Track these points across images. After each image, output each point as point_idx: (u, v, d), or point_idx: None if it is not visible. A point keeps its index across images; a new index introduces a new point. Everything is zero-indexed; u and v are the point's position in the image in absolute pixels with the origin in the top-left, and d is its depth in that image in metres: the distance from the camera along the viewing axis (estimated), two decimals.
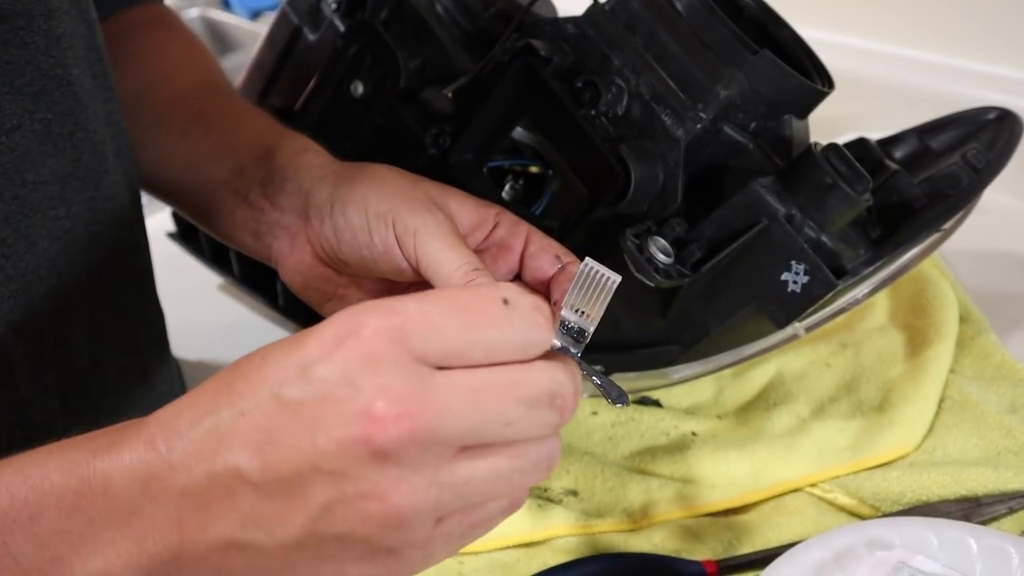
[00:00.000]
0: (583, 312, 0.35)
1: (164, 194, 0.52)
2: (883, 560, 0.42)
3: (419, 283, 0.40)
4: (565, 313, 0.36)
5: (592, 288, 0.34)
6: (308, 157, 0.45)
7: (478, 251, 0.42)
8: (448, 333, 0.27)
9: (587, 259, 0.35)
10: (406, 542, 0.27)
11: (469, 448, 0.27)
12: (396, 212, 0.39)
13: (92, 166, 0.44)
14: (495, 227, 0.41)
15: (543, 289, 0.41)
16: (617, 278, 0.34)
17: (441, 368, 0.27)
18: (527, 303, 0.29)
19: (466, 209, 0.41)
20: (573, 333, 0.37)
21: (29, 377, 0.42)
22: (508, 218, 0.41)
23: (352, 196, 0.41)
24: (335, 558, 0.28)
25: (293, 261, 0.43)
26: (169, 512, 0.28)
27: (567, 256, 0.40)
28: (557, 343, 0.37)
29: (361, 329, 0.27)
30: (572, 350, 0.37)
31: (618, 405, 0.36)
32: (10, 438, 0.43)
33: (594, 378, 0.36)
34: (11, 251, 0.40)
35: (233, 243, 0.48)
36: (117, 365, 0.49)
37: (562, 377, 0.29)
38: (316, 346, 0.27)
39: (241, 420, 0.27)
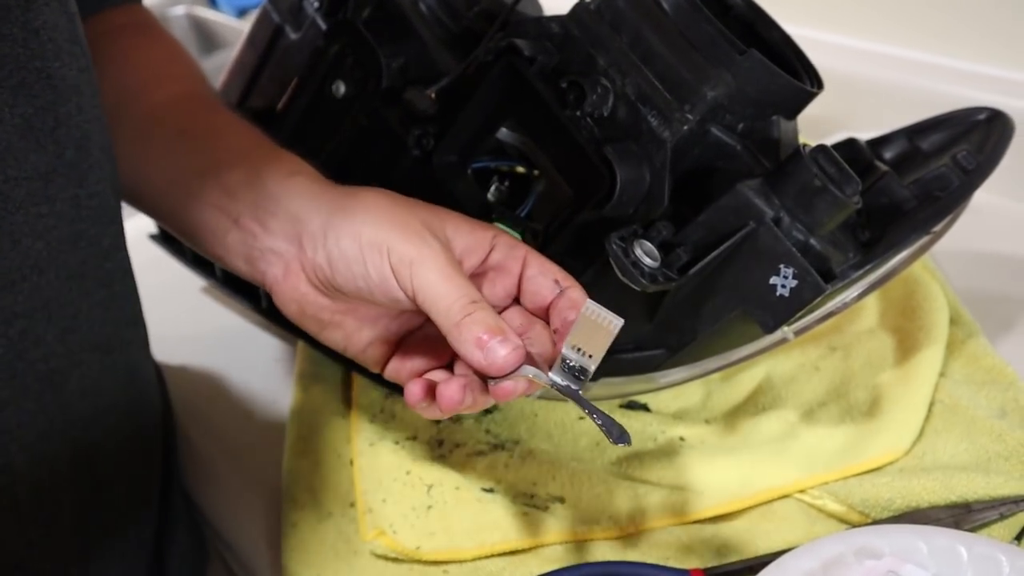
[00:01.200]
0: (584, 351, 0.35)
1: (148, 209, 0.51)
2: (872, 569, 0.41)
3: (416, 312, 0.39)
4: (566, 351, 0.36)
5: (593, 330, 0.34)
6: (299, 181, 0.44)
7: (475, 274, 0.41)
8: None
9: (588, 302, 0.35)
10: None
11: None
12: (391, 242, 0.38)
13: (76, 162, 0.43)
14: (491, 250, 0.41)
15: (542, 315, 0.40)
16: (619, 322, 0.34)
17: None
18: None
19: (462, 233, 0.40)
20: (575, 371, 0.36)
21: (7, 378, 0.41)
22: (505, 240, 0.41)
23: (345, 225, 0.40)
24: None
25: (287, 288, 0.43)
26: None
27: (566, 280, 0.39)
28: (559, 380, 0.37)
29: None
30: (573, 387, 0.37)
31: (619, 445, 0.35)
32: None
33: (595, 416, 0.36)
34: None
35: (225, 265, 0.46)
36: (99, 367, 0.48)
37: None
38: None
39: None
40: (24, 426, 0.43)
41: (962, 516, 0.47)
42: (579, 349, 0.35)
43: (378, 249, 0.39)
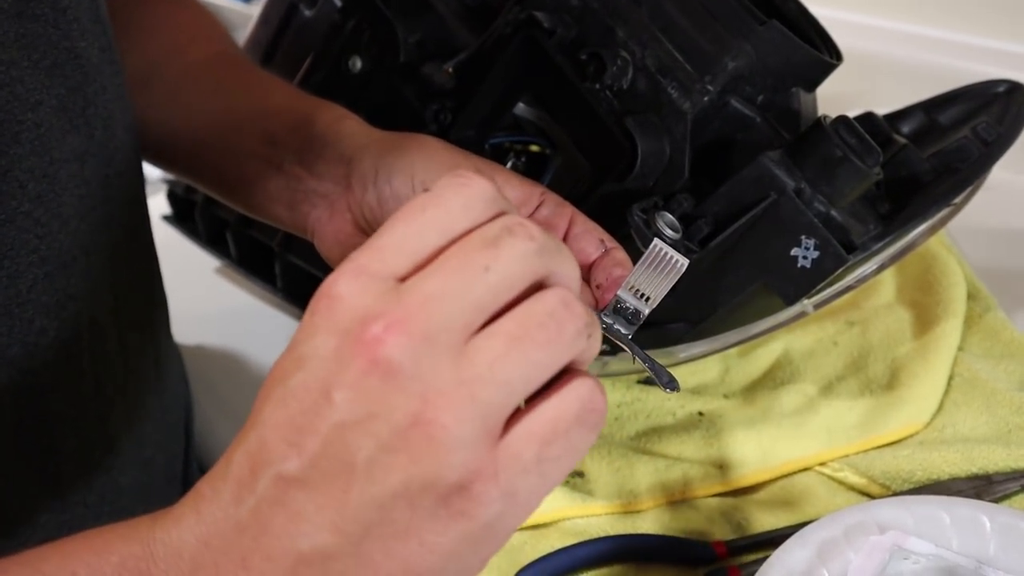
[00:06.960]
0: (643, 294, 0.34)
1: (183, 168, 0.51)
2: (877, 544, 0.41)
3: None
4: (622, 294, 0.36)
5: (658, 269, 0.34)
6: (348, 124, 0.44)
7: None
8: (392, 239, 0.26)
9: (656, 240, 0.34)
10: (469, 471, 0.25)
11: (476, 331, 0.26)
12: None
13: (104, 142, 0.43)
14: (539, 205, 0.40)
15: (585, 272, 0.40)
16: (685, 261, 0.34)
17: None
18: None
19: (512, 185, 0.40)
20: (627, 315, 0.36)
21: (61, 361, 0.41)
22: (552, 198, 0.41)
23: (398, 164, 0.40)
24: (408, 527, 0.25)
25: (332, 230, 0.42)
26: (231, 556, 0.26)
27: (611, 241, 0.39)
28: (610, 321, 0.36)
29: (330, 291, 0.26)
30: (623, 331, 0.36)
31: (668, 391, 0.35)
32: (20, 430, 0.41)
33: (645, 361, 0.36)
34: (45, 231, 0.38)
35: (263, 215, 0.46)
36: (138, 347, 0.48)
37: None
38: (300, 332, 0.27)
39: (264, 430, 0.26)
40: (77, 408, 0.43)
41: (983, 488, 0.47)
42: (637, 291, 0.35)
43: None
